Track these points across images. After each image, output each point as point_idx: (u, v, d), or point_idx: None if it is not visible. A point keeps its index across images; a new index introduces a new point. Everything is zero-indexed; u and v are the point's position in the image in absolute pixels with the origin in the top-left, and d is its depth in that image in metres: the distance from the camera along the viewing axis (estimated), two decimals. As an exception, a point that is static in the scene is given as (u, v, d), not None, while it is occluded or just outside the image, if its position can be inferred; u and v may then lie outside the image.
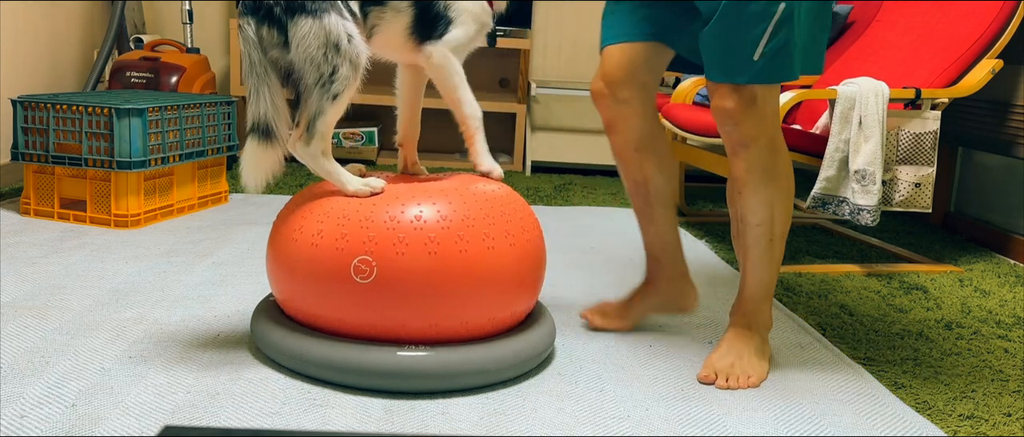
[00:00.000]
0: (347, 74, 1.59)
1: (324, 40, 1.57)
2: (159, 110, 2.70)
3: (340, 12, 1.58)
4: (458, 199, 1.60)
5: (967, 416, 1.63)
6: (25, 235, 2.50)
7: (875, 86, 2.52)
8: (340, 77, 1.58)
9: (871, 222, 2.47)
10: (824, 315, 2.18)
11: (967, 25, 2.76)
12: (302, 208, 1.64)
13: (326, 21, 1.56)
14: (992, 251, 3.03)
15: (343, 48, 1.58)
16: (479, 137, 1.74)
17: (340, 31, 1.57)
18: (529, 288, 1.67)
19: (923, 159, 2.56)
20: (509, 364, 1.61)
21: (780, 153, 1.67)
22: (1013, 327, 2.18)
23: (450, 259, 1.54)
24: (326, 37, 1.57)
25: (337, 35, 1.57)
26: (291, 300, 1.63)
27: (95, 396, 1.48)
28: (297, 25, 1.55)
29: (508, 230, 1.61)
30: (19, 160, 2.70)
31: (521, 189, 3.70)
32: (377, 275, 1.52)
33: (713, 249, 2.82)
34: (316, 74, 1.57)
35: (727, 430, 1.51)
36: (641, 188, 1.88)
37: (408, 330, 1.55)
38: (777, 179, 1.67)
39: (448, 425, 1.46)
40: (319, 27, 1.56)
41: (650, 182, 1.86)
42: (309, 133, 1.61)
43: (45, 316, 1.84)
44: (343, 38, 1.58)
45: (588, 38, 4.61)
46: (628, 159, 1.85)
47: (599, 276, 2.42)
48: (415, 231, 1.53)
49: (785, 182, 1.68)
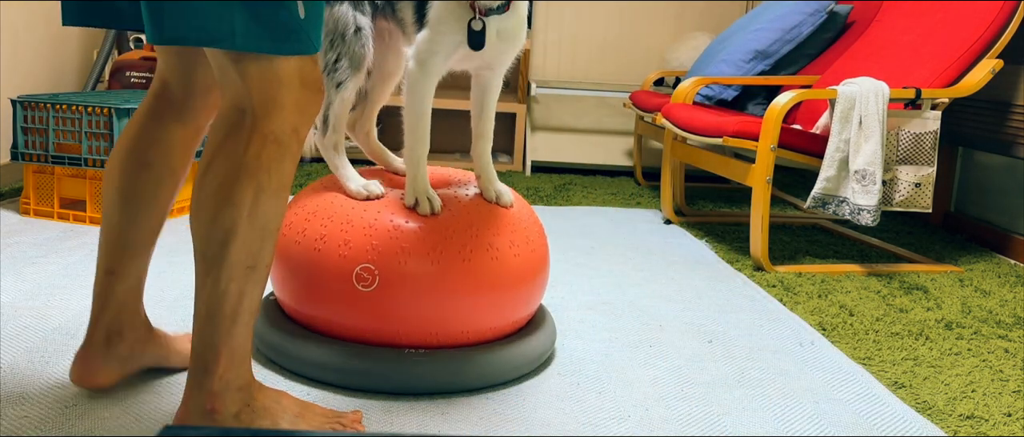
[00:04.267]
0: (346, 67, 1.58)
1: (332, 27, 1.56)
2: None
3: (357, 2, 1.57)
4: (463, 208, 1.60)
5: (967, 416, 1.63)
6: (25, 235, 2.50)
7: (875, 86, 2.52)
8: (341, 67, 1.58)
9: (871, 222, 2.47)
10: (824, 315, 2.18)
11: (967, 25, 2.76)
12: (306, 210, 1.63)
13: (336, 9, 1.56)
14: (992, 251, 3.03)
15: (348, 39, 1.57)
16: (410, 172, 1.57)
17: (348, 21, 1.57)
18: (531, 297, 1.67)
19: (923, 159, 2.56)
20: (510, 368, 1.62)
21: None
22: (1013, 327, 2.18)
23: (453, 268, 1.53)
24: (334, 25, 1.56)
25: (344, 24, 1.57)
26: (292, 302, 1.63)
27: (95, 396, 1.48)
28: None
29: (513, 240, 1.61)
30: (19, 160, 2.70)
31: (521, 189, 3.70)
32: (379, 283, 1.52)
33: (713, 249, 2.82)
34: (322, 61, 1.56)
35: (727, 430, 1.51)
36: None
37: (409, 337, 1.55)
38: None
39: (448, 425, 1.46)
40: (329, 14, 1.56)
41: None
42: (325, 124, 1.62)
43: (45, 316, 1.84)
44: (350, 29, 1.57)
45: (588, 38, 4.61)
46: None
47: (599, 276, 2.42)
48: (419, 239, 1.53)
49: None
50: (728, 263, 2.65)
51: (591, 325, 2.00)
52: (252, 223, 1.25)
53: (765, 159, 2.54)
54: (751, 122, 2.62)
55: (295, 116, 1.26)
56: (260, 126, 1.24)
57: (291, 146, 1.27)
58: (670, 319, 2.08)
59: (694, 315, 2.12)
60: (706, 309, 2.18)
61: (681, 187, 3.36)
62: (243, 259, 1.25)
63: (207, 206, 1.25)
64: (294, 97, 1.25)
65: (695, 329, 2.02)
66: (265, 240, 1.27)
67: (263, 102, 1.24)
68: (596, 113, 4.54)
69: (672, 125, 3.00)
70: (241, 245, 1.25)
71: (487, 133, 1.63)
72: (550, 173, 4.25)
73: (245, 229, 1.25)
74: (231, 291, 1.25)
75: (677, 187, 3.32)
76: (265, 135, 1.24)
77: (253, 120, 1.24)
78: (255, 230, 1.25)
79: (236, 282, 1.26)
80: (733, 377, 1.74)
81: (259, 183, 1.24)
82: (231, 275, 1.25)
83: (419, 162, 1.57)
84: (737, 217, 3.36)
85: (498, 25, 1.52)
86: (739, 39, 3.51)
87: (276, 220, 1.28)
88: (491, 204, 1.64)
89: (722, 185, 4.14)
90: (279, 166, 1.26)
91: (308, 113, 1.28)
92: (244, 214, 1.24)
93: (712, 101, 3.42)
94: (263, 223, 1.26)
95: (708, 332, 2.00)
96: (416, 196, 1.56)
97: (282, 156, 1.26)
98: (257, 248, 1.26)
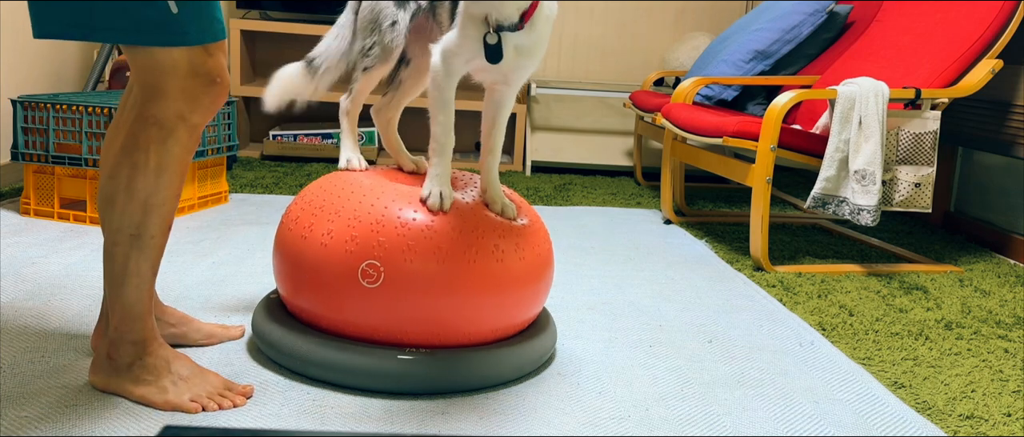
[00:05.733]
0: (377, 54, 1.71)
1: (370, 17, 1.71)
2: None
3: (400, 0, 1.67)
4: (470, 209, 1.60)
5: (967, 416, 1.63)
6: (25, 235, 2.50)
7: (875, 86, 2.52)
8: (372, 54, 1.71)
9: (871, 222, 2.47)
10: (824, 315, 2.18)
11: (967, 25, 2.76)
12: (313, 206, 1.63)
13: (380, 3, 1.70)
14: (992, 251, 3.03)
15: (383, 29, 1.69)
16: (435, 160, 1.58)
17: (387, 13, 1.69)
18: (535, 300, 1.67)
19: (923, 159, 2.56)
20: (510, 368, 1.62)
21: None
22: (1013, 327, 2.18)
23: (459, 269, 1.53)
24: (373, 15, 1.70)
25: (383, 16, 1.69)
26: (295, 298, 1.63)
27: (95, 396, 1.48)
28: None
29: (519, 243, 1.61)
30: (19, 160, 2.70)
31: (521, 189, 3.70)
32: (384, 280, 1.52)
33: (713, 249, 2.82)
34: (360, 44, 1.72)
35: (727, 430, 1.51)
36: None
37: (411, 335, 1.55)
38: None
39: (448, 425, 1.46)
40: (372, 4, 1.71)
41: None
42: (350, 90, 1.77)
43: (45, 316, 1.84)
44: (386, 21, 1.68)
45: (588, 38, 4.61)
46: None
47: (599, 276, 2.42)
48: (425, 238, 1.53)
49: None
50: (728, 263, 2.65)
51: (591, 325, 2.00)
52: (130, 196, 1.39)
53: (765, 159, 2.54)
54: (751, 122, 2.62)
55: (180, 103, 1.38)
56: (142, 109, 1.38)
57: (176, 130, 1.39)
58: (670, 319, 2.08)
59: (694, 315, 2.12)
60: (706, 309, 2.18)
61: (681, 187, 3.36)
62: (125, 227, 1.40)
63: (100, 175, 1.44)
64: (180, 85, 1.37)
65: (695, 329, 2.02)
66: (148, 213, 1.40)
67: (145, 87, 1.38)
68: (596, 113, 4.54)
69: (672, 125, 3.00)
70: (120, 214, 1.40)
71: (496, 148, 1.63)
72: (550, 173, 4.25)
73: (123, 200, 1.40)
74: (117, 255, 1.42)
75: (677, 187, 3.32)
76: (146, 118, 1.38)
77: (136, 103, 1.39)
78: (134, 202, 1.40)
79: (121, 247, 1.42)
80: (733, 377, 1.74)
81: (135, 161, 1.39)
82: (115, 239, 1.42)
83: (442, 151, 1.57)
84: (737, 217, 3.36)
85: (516, 41, 1.50)
86: (739, 39, 3.51)
87: (158, 196, 1.40)
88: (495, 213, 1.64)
89: (722, 185, 4.14)
90: (159, 147, 1.38)
91: (200, 100, 1.39)
92: (121, 187, 1.40)
93: (712, 101, 3.42)
94: (143, 197, 1.39)
95: (708, 332, 2.00)
96: (431, 188, 1.56)
97: (164, 138, 1.38)
98: (139, 219, 1.40)
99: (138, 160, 1.39)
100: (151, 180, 1.39)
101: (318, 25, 4.14)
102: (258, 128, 4.48)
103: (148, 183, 1.39)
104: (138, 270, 1.43)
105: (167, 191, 1.41)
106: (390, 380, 1.54)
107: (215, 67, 1.39)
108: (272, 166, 3.87)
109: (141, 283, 1.44)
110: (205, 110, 1.41)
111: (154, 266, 1.45)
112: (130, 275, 1.43)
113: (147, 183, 1.39)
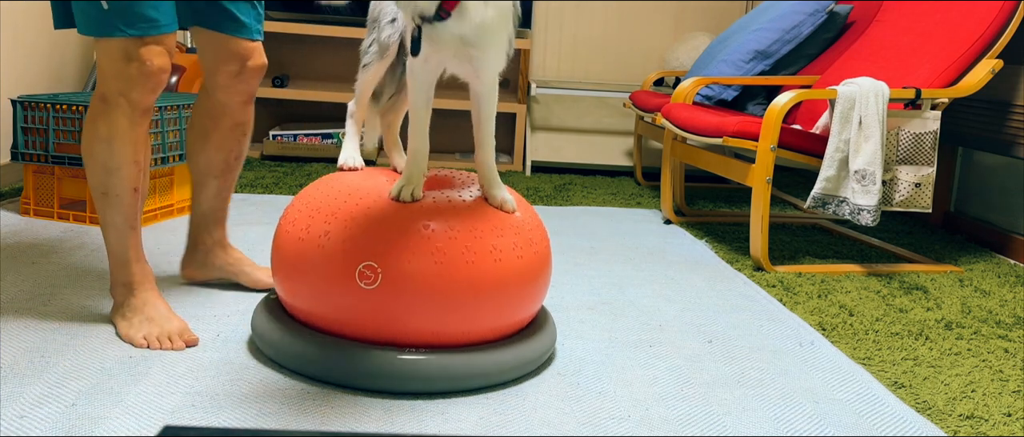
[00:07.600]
0: (375, 51, 1.72)
1: (373, 15, 1.73)
2: (159, 110, 2.70)
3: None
4: (467, 209, 1.60)
5: (967, 416, 1.63)
6: (25, 235, 2.50)
7: (875, 86, 2.52)
8: (371, 51, 1.73)
9: (871, 222, 2.47)
10: (824, 315, 2.18)
11: (967, 25, 2.76)
12: (310, 207, 1.63)
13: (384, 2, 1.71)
14: (992, 251, 3.03)
15: (382, 26, 1.70)
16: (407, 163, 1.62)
17: (387, 11, 1.70)
18: (533, 300, 1.67)
19: (923, 159, 2.56)
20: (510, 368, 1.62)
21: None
22: (1013, 327, 2.18)
23: (456, 270, 1.53)
24: (377, 14, 1.72)
25: (383, 14, 1.71)
26: (293, 298, 1.63)
27: (95, 396, 1.48)
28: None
29: (516, 242, 1.61)
30: (19, 160, 2.70)
31: (521, 189, 3.70)
32: (381, 281, 1.52)
33: (713, 249, 2.82)
34: (365, 42, 1.75)
35: (727, 430, 1.51)
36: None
37: (409, 336, 1.55)
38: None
39: (448, 425, 1.46)
40: (378, 4, 1.73)
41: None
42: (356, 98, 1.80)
43: (45, 316, 1.84)
44: (386, 17, 1.70)
45: (588, 38, 4.61)
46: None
47: (599, 276, 2.42)
48: (422, 239, 1.53)
49: None
50: (728, 263, 2.65)
51: (591, 325, 2.00)
52: (91, 160, 1.71)
53: (765, 159, 2.54)
54: (751, 122, 2.62)
55: (119, 82, 1.66)
56: (98, 87, 1.70)
57: (119, 104, 1.67)
58: (670, 319, 2.08)
59: (694, 315, 2.12)
60: (706, 309, 2.18)
61: (681, 187, 3.36)
62: (96, 186, 1.72)
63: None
64: (117, 68, 1.66)
65: (695, 329, 2.02)
66: (109, 175, 1.70)
67: (99, 69, 1.70)
68: (596, 113, 4.54)
69: (672, 125, 3.00)
70: (90, 176, 1.73)
71: (484, 142, 1.63)
72: (550, 173, 4.25)
73: (88, 163, 1.73)
74: (99, 209, 1.75)
75: (677, 187, 3.32)
76: (99, 94, 1.70)
77: (95, 82, 1.73)
78: (95, 165, 1.71)
79: (99, 203, 1.74)
80: (733, 377, 1.74)
81: (90, 130, 1.71)
82: (95, 196, 1.74)
83: (414, 156, 1.61)
84: (737, 217, 3.36)
85: (455, 31, 1.49)
86: (739, 39, 3.51)
87: (113, 161, 1.69)
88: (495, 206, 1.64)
89: (722, 185, 4.14)
90: (106, 118, 1.68)
91: (136, 82, 1.66)
92: (85, 152, 1.72)
93: (712, 101, 3.42)
94: (101, 161, 1.70)
95: (708, 332, 2.00)
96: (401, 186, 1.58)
97: (109, 112, 1.68)
98: (102, 180, 1.71)
99: (92, 131, 1.71)
100: (104, 147, 1.69)
101: (318, 25, 4.14)
102: (258, 128, 4.47)
103: (102, 150, 1.69)
104: (113, 222, 1.74)
105: (120, 157, 1.69)
106: (390, 380, 1.54)
107: (146, 54, 1.64)
108: (272, 166, 3.87)
109: (118, 234, 1.74)
110: (142, 89, 1.67)
111: (128, 219, 1.74)
112: (107, 226, 1.75)
113: (101, 149, 1.69)
